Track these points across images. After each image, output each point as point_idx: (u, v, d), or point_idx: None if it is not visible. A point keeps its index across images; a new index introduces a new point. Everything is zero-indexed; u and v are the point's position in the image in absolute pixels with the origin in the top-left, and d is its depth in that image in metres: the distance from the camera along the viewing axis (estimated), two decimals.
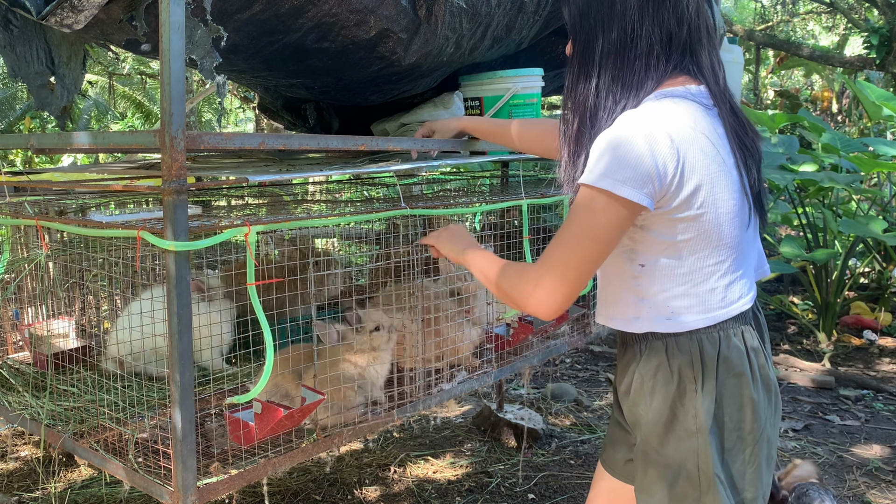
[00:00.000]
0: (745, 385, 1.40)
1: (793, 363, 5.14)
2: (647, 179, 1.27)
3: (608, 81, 1.37)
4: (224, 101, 9.95)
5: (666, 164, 1.28)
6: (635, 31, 1.35)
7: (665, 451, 1.42)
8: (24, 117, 10.08)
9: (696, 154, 1.31)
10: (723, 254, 1.38)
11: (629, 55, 1.36)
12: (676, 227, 1.34)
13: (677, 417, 1.40)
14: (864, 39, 8.53)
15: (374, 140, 1.93)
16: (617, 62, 1.37)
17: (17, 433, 3.67)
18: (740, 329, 1.43)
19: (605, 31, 1.37)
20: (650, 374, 1.44)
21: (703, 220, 1.34)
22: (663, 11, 1.35)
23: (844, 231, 5.56)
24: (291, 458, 1.73)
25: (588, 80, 1.39)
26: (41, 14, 1.63)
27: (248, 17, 1.83)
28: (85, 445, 1.73)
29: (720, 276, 1.39)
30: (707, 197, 1.33)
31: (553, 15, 2.49)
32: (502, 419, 3.81)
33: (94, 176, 2.81)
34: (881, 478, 3.44)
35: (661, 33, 1.35)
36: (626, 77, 1.36)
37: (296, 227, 1.68)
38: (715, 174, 1.34)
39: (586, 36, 1.40)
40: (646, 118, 1.31)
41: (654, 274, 1.39)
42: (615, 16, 1.36)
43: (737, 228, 1.39)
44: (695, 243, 1.36)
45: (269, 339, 1.57)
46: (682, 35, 1.37)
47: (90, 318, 2.55)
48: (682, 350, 1.40)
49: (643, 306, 1.42)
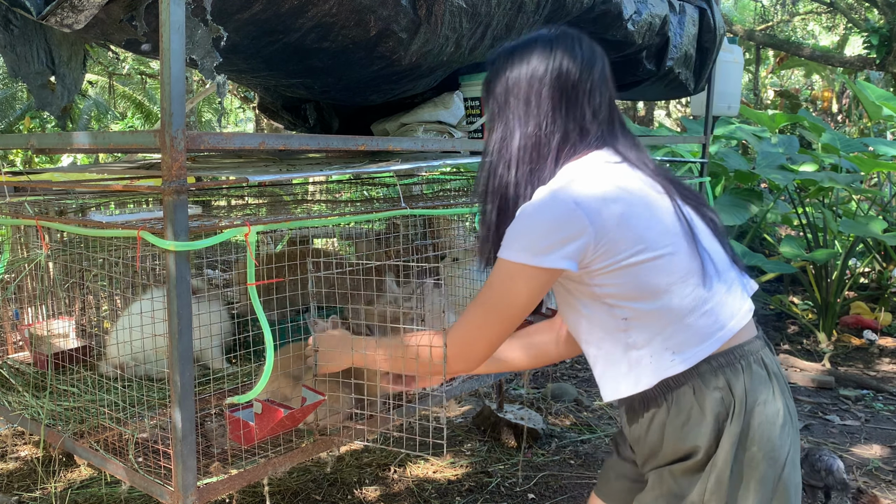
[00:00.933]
0: (769, 413, 1.37)
1: (793, 363, 5.14)
2: (560, 244, 1.32)
3: (526, 174, 1.44)
4: (224, 101, 9.95)
5: (581, 225, 1.32)
6: (548, 127, 1.42)
7: (683, 483, 1.39)
8: (24, 117, 10.09)
9: (609, 204, 1.34)
10: (689, 279, 1.36)
11: (544, 150, 1.43)
12: (627, 273, 1.35)
13: (707, 456, 1.36)
14: (864, 39, 8.53)
15: (374, 140, 1.93)
16: (533, 155, 1.43)
17: (17, 433, 3.67)
18: (759, 355, 1.40)
19: (522, 127, 1.44)
20: (682, 421, 1.38)
21: (647, 259, 1.35)
22: (576, 107, 1.43)
23: (844, 231, 5.56)
24: (291, 458, 1.73)
25: (507, 171, 1.45)
26: (41, 14, 1.63)
27: (248, 17, 1.83)
28: (85, 445, 1.73)
29: (700, 301, 1.37)
30: (636, 237, 1.34)
31: (553, 15, 2.50)
32: (502, 419, 3.82)
33: (94, 176, 2.81)
34: (881, 478, 3.44)
35: (575, 126, 1.43)
36: (542, 169, 1.43)
37: (296, 227, 1.68)
38: (638, 212, 1.36)
39: (503, 130, 1.46)
40: (553, 193, 1.37)
41: (641, 319, 1.37)
42: (531, 112, 1.43)
43: (684, 251, 1.38)
44: (654, 279, 1.35)
45: (269, 340, 1.57)
46: (595, 128, 1.45)
47: (90, 318, 2.55)
48: (709, 386, 1.36)
49: (647, 357, 1.38)
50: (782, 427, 1.38)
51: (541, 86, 1.42)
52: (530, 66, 1.43)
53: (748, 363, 1.37)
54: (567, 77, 1.42)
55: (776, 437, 1.36)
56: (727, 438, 1.33)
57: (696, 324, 1.36)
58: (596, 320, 1.41)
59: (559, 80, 1.42)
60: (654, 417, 1.40)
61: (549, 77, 1.42)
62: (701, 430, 1.35)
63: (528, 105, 1.43)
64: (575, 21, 2.64)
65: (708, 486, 1.34)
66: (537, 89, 1.43)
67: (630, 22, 2.69)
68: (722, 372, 1.36)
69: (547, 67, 1.42)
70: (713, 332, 1.36)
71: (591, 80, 1.44)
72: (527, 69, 1.43)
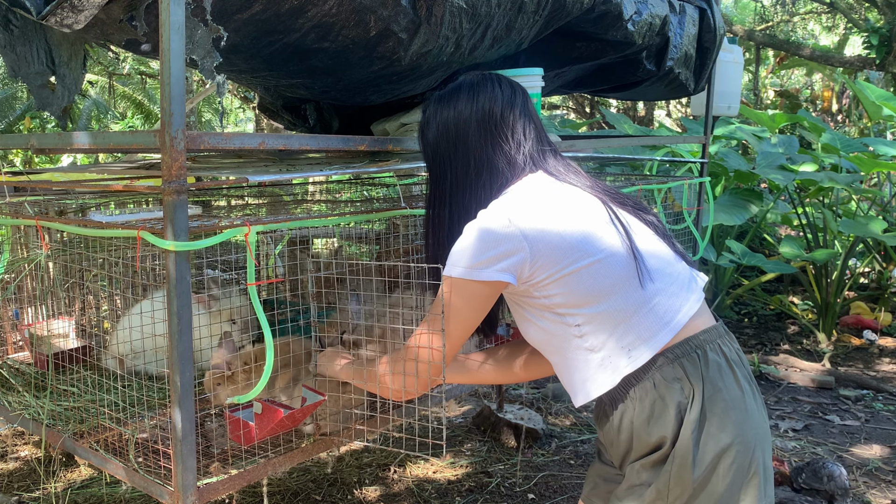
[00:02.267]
0: (731, 398, 1.41)
1: (793, 363, 5.14)
2: (496, 259, 1.41)
3: (460, 209, 1.54)
4: (224, 101, 9.95)
5: (516, 241, 1.40)
6: (478, 162, 1.53)
7: (651, 474, 1.42)
8: (24, 117, 10.09)
9: (544, 219, 1.42)
10: (630, 280, 1.43)
11: (476, 184, 1.54)
12: (569, 281, 1.41)
13: (672, 446, 1.40)
14: (864, 39, 8.53)
15: (374, 140, 1.92)
16: (466, 191, 1.54)
17: (17, 433, 3.67)
18: (716, 344, 1.45)
19: (452, 166, 1.56)
20: (647, 415, 1.42)
21: (585, 265, 1.41)
22: (503, 142, 1.53)
23: (844, 231, 5.56)
24: (291, 458, 1.73)
25: (443, 208, 1.57)
26: (41, 14, 1.63)
27: (248, 17, 1.83)
28: (85, 445, 1.74)
29: (644, 299, 1.42)
30: (571, 246, 1.41)
31: (553, 15, 2.49)
32: (502, 419, 3.82)
33: (94, 176, 2.81)
34: (881, 478, 3.44)
35: (504, 159, 1.53)
36: (477, 202, 1.52)
37: (296, 227, 1.68)
38: (572, 223, 1.43)
39: (438, 171, 1.59)
40: (489, 212, 1.46)
41: (592, 323, 1.43)
42: (458, 152, 1.54)
43: (622, 254, 1.43)
44: (596, 283, 1.41)
45: (269, 340, 1.57)
46: (522, 158, 1.54)
47: (90, 318, 2.55)
48: (667, 378, 1.40)
49: (606, 358, 1.43)
50: (747, 412, 1.42)
51: (467, 127, 1.53)
52: (457, 110, 1.55)
53: (704, 352, 1.42)
54: (491, 116, 1.53)
55: (742, 422, 1.40)
56: (687, 426, 1.38)
57: (644, 320, 1.41)
58: (552, 331, 1.48)
59: (483, 120, 1.53)
60: (623, 417, 1.45)
61: (474, 119, 1.53)
62: (665, 421, 1.39)
63: (457, 146, 1.54)
64: (575, 21, 2.64)
65: (672, 473, 1.38)
66: (463, 131, 1.54)
67: (630, 22, 2.69)
68: (679, 363, 1.41)
69: (472, 110, 1.54)
70: (662, 326, 1.42)
71: (513, 116, 1.54)
72: (454, 113, 1.55)
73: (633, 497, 1.43)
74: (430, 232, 1.62)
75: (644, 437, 1.42)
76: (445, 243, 1.54)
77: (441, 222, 1.58)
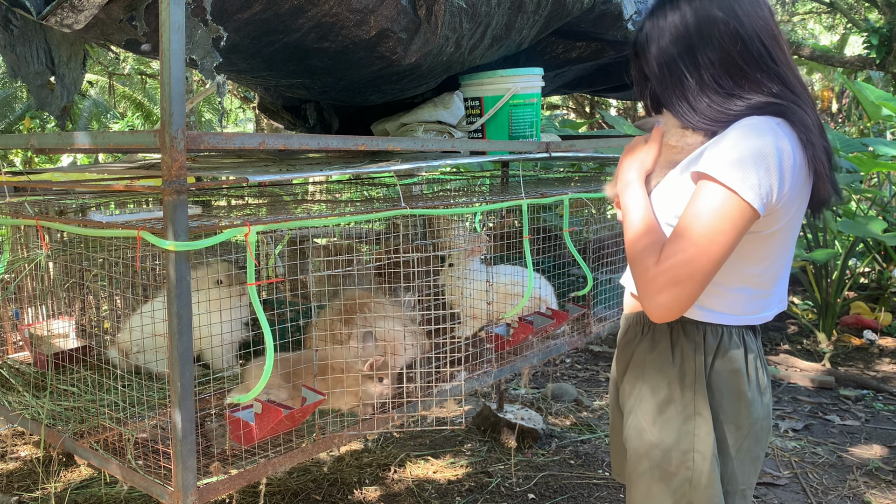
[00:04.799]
0: (742, 382, 1.45)
1: (793, 363, 5.14)
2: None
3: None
4: (224, 101, 9.95)
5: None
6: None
7: (658, 432, 1.46)
8: (24, 117, 10.09)
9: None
10: (766, 270, 1.44)
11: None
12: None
13: (674, 399, 1.45)
14: (864, 39, 8.53)
15: (374, 140, 1.92)
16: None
17: (17, 433, 3.67)
18: (741, 331, 1.47)
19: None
20: (651, 355, 1.49)
21: (776, 235, 1.40)
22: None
23: (844, 231, 5.56)
24: (291, 458, 1.73)
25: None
26: (41, 14, 1.63)
27: (248, 17, 1.84)
28: (85, 445, 1.73)
29: (751, 287, 1.45)
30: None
31: (553, 15, 2.49)
32: (502, 419, 3.82)
33: (94, 176, 2.81)
34: (881, 478, 3.44)
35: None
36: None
37: (296, 227, 1.68)
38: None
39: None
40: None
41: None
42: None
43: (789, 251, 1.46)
44: (753, 250, 1.41)
45: (269, 340, 1.57)
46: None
47: (90, 318, 2.54)
48: (688, 337, 1.45)
49: None
50: (751, 402, 1.48)
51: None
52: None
53: (729, 332, 1.48)
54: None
55: (743, 409, 1.48)
56: (699, 388, 1.46)
57: (728, 296, 1.47)
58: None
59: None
60: (630, 343, 1.59)
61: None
62: (670, 370, 1.49)
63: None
64: (575, 21, 2.64)
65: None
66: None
67: (630, 22, 2.69)
68: (703, 329, 1.50)
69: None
70: (729, 312, 1.48)
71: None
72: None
73: (649, 463, 1.49)
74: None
75: (644, 374, 1.54)
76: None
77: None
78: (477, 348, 2.33)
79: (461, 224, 3.00)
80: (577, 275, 2.85)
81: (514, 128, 2.68)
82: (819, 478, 3.43)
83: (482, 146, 2.52)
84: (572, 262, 2.75)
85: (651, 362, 1.50)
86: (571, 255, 2.47)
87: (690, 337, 1.45)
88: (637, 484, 1.50)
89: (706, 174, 1.31)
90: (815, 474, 3.47)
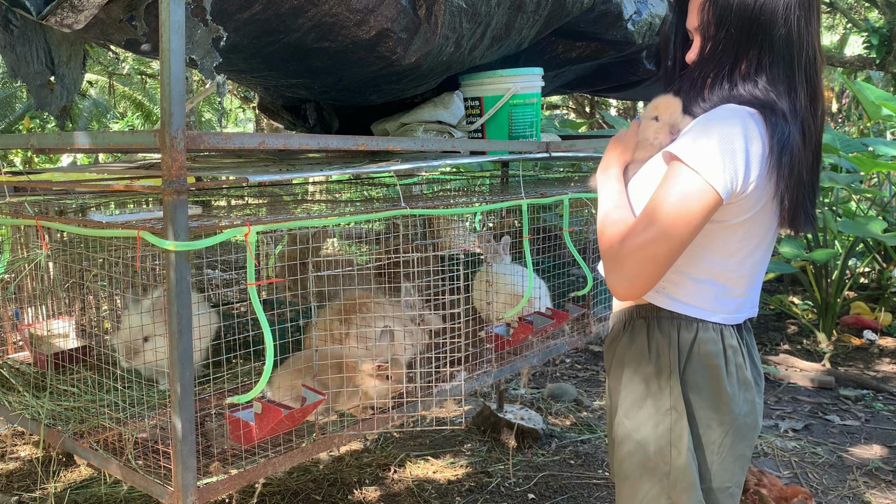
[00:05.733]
0: (720, 377, 1.46)
1: (793, 363, 5.14)
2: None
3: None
4: (224, 101, 9.95)
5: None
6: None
7: (636, 427, 1.48)
8: (24, 117, 10.08)
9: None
10: (739, 267, 1.46)
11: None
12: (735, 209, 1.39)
13: (651, 394, 1.47)
14: (863, 39, 8.52)
15: (374, 140, 1.92)
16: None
17: (17, 433, 3.67)
18: (719, 328, 1.48)
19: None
20: (630, 350, 1.52)
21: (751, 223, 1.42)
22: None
23: (844, 231, 5.56)
24: (291, 458, 1.73)
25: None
26: (41, 14, 1.63)
27: (248, 17, 1.84)
28: (85, 445, 1.73)
29: (721, 283, 1.46)
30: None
31: (553, 15, 2.49)
32: (502, 419, 3.81)
33: (94, 176, 2.81)
34: (881, 478, 3.44)
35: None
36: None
37: (296, 226, 1.68)
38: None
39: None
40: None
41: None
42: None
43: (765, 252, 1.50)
44: (728, 239, 1.43)
45: (269, 339, 1.57)
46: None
47: (90, 318, 2.54)
48: (663, 331, 1.47)
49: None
50: (730, 396, 1.48)
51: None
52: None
53: (704, 327, 1.50)
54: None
55: (721, 405, 1.49)
56: (675, 383, 1.49)
57: (700, 289, 1.51)
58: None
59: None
60: (613, 341, 1.62)
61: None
62: (646, 366, 1.53)
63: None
64: (575, 21, 2.64)
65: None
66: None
67: (630, 22, 2.69)
68: (678, 324, 1.54)
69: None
70: (702, 305, 1.50)
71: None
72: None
73: (632, 459, 1.53)
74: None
75: (623, 371, 1.57)
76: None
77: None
78: (477, 348, 2.33)
79: (461, 224, 3.00)
80: (577, 275, 2.85)
81: (514, 128, 2.68)
82: (819, 478, 3.43)
83: (482, 146, 2.52)
84: (572, 261, 2.75)
85: (630, 358, 1.52)
86: (571, 254, 2.48)
87: (665, 332, 1.47)
88: (623, 480, 1.52)
89: (675, 155, 1.34)
90: (814, 474, 3.47)
